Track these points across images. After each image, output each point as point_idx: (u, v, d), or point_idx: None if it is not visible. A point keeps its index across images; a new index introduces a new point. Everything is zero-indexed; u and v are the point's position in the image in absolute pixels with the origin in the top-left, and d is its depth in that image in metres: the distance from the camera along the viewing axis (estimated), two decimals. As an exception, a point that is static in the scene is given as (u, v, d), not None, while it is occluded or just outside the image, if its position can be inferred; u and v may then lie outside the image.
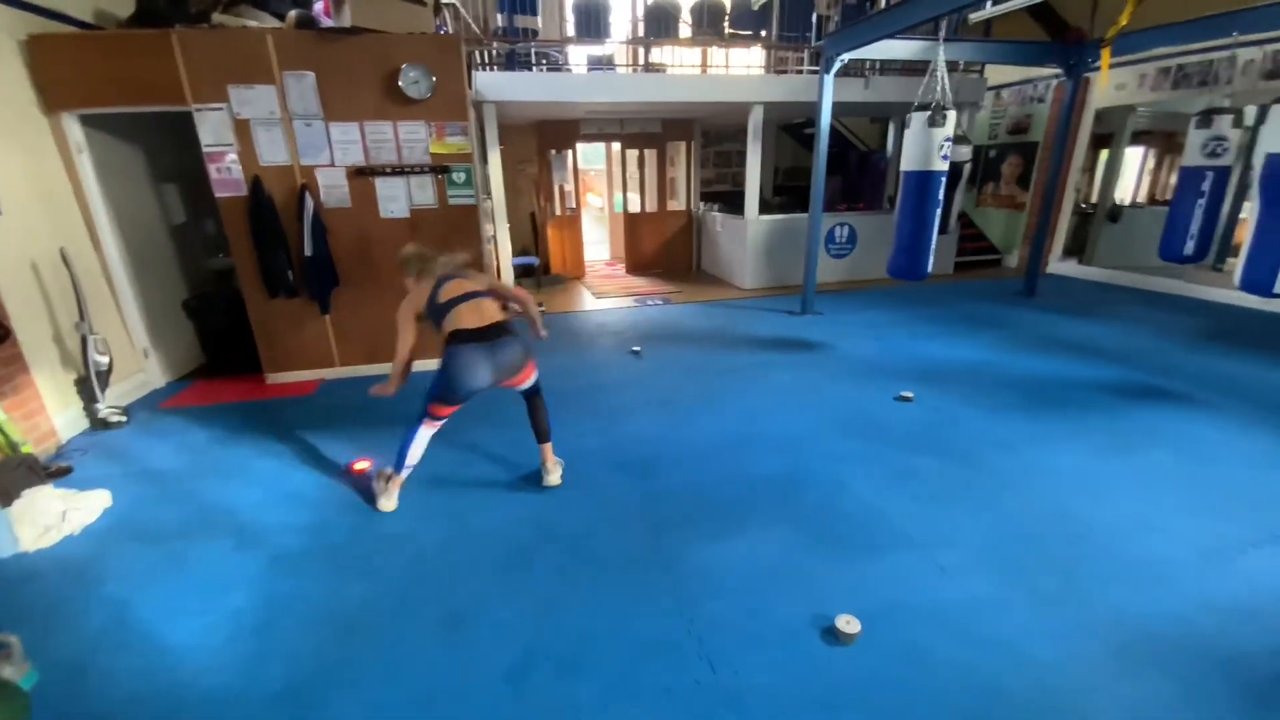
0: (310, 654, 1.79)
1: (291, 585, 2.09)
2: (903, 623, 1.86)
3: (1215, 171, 4.50)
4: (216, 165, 3.72)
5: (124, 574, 2.18)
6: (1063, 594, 1.98)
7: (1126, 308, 5.87)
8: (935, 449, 3.00)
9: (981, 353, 4.49)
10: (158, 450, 3.16)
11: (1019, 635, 1.81)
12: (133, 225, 4.01)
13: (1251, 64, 5.78)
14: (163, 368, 4.22)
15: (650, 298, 6.87)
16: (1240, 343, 4.66)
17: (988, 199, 8.81)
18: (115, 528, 2.47)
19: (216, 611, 1.97)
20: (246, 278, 3.95)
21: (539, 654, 1.77)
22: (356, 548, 2.30)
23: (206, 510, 2.58)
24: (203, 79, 3.55)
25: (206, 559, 2.25)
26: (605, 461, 2.95)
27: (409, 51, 3.75)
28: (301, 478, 2.84)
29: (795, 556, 2.20)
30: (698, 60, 7.60)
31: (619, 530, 2.38)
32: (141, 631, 1.90)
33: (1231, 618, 1.87)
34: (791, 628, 1.85)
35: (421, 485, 2.74)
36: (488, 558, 2.23)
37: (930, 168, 4.06)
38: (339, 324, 4.18)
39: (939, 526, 2.36)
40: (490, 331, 2.46)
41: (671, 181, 8.77)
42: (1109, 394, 3.67)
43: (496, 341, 2.46)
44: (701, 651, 1.77)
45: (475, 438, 3.23)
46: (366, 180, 3.92)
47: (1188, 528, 2.33)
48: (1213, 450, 2.95)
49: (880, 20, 4.61)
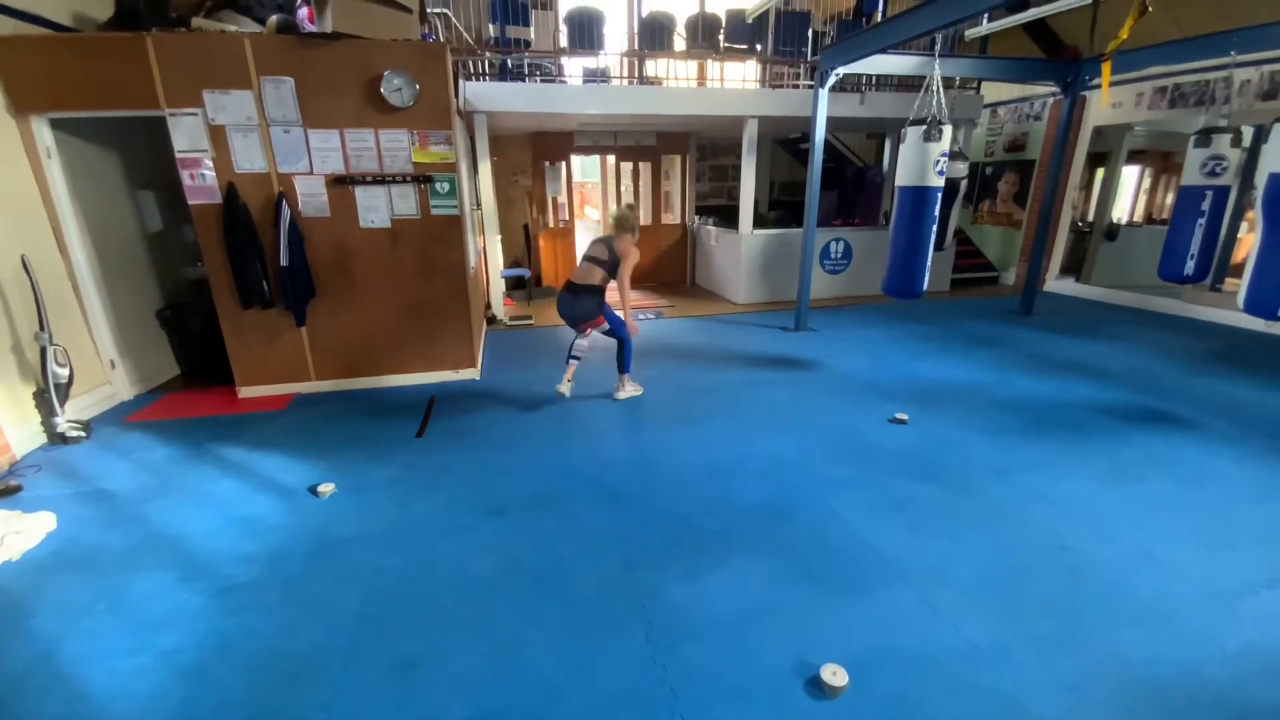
0: (242, 703, 1.63)
1: (235, 623, 1.93)
2: (894, 671, 1.72)
3: (1214, 191, 4.42)
4: (190, 171, 3.60)
5: (58, 607, 2.03)
6: (1064, 638, 1.84)
7: (1125, 327, 5.77)
8: (929, 475, 2.86)
9: (978, 373, 4.37)
10: (114, 469, 3.01)
11: (1019, 686, 1.67)
12: (105, 232, 3.88)
13: (1248, 84, 5.74)
14: (132, 380, 4.07)
15: (643, 311, 6.75)
16: (1242, 366, 4.55)
17: (984, 216, 8.76)
18: (56, 554, 2.31)
19: (148, 652, 1.81)
20: (219, 288, 3.82)
21: (497, 710, 1.62)
22: (311, 581, 2.15)
23: (156, 537, 2.42)
24: (177, 83, 3.45)
25: (148, 592, 2.09)
26: (584, 486, 2.80)
27: (392, 58, 3.66)
28: (261, 501, 2.69)
29: (780, 593, 2.05)
30: (693, 73, 7.56)
31: (592, 563, 2.23)
32: (67, 674, 1.75)
33: (1244, 667, 1.73)
34: (774, 677, 1.70)
35: (389, 508, 2.60)
36: (449, 593, 2.07)
37: (926, 183, 3.96)
38: (315, 336, 4.04)
39: (933, 560, 2.22)
40: (575, 287, 3.62)
41: (666, 195, 8.70)
42: (1110, 417, 3.55)
43: (575, 296, 3.61)
44: (674, 706, 1.62)
45: (446, 459, 3.09)
46: (346, 189, 3.81)
47: (1194, 564, 2.20)
48: (1218, 479, 2.82)
49: (876, 34, 4.55)
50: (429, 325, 4.20)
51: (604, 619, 1.94)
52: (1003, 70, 5.83)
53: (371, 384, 4.21)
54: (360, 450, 3.19)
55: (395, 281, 4.05)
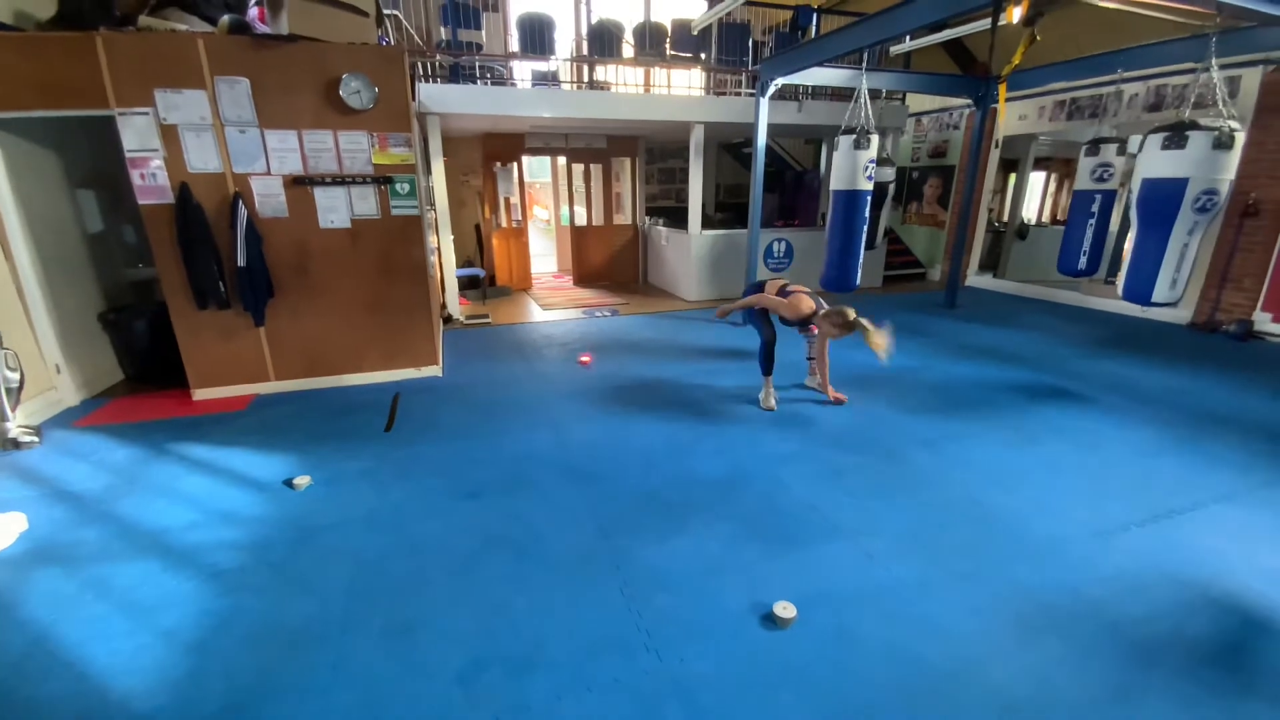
0: (252, 670, 1.75)
1: (229, 603, 2.03)
2: (835, 605, 2.00)
3: (1103, 194, 5.01)
4: (140, 171, 3.56)
5: (44, 598, 2.06)
6: (975, 573, 2.18)
7: (1034, 317, 6.41)
8: (864, 448, 3.21)
9: (907, 359, 4.80)
10: (75, 470, 2.98)
11: (937, 612, 1.98)
12: (47, 233, 3.77)
13: (1136, 97, 6.47)
14: (76, 384, 3.95)
15: (598, 309, 6.95)
16: (1131, 348, 5.18)
17: (912, 217, 9.41)
18: (32, 552, 2.32)
19: (147, 632, 1.89)
20: (171, 288, 3.78)
21: (489, 656, 1.80)
22: (298, 563, 2.26)
23: (132, 531, 2.45)
24: (127, 82, 3.42)
25: (134, 580, 2.15)
26: (553, 467, 2.99)
27: (351, 61, 3.73)
28: (235, 495, 2.75)
29: (736, 550, 2.31)
30: (641, 79, 7.82)
31: (567, 534, 2.43)
32: (66, 657, 1.81)
33: (1116, 586, 2.11)
34: (733, 616, 1.96)
35: (367, 495, 2.71)
36: (435, 566, 2.23)
37: (856, 187, 4.35)
38: (274, 336, 4.05)
39: (867, 517, 2.54)
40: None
41: (617, 196, 8.93)
42: (1017, 394, 4.02)
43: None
44: (650, 644, 1.84)
45: (416, 450, 3.21)
46: (305, 190, 3.84)
47: (1080, 510, 2.60)
48: (1105, 443, 3.28)
49: (811, 49, 4.92)
50: (391, 323, 4.27)
51: (582, 579, 2.15)
52: (922, 84, 6.36)
53: (333, 383, 4.24)
54: (330, 445, 3.27)
55: (356, 281, 4.11)
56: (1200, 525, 2.49)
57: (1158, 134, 3.57)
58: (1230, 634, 1.90)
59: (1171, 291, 3.74)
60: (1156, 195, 3.64)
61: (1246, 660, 1.80)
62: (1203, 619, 1.96)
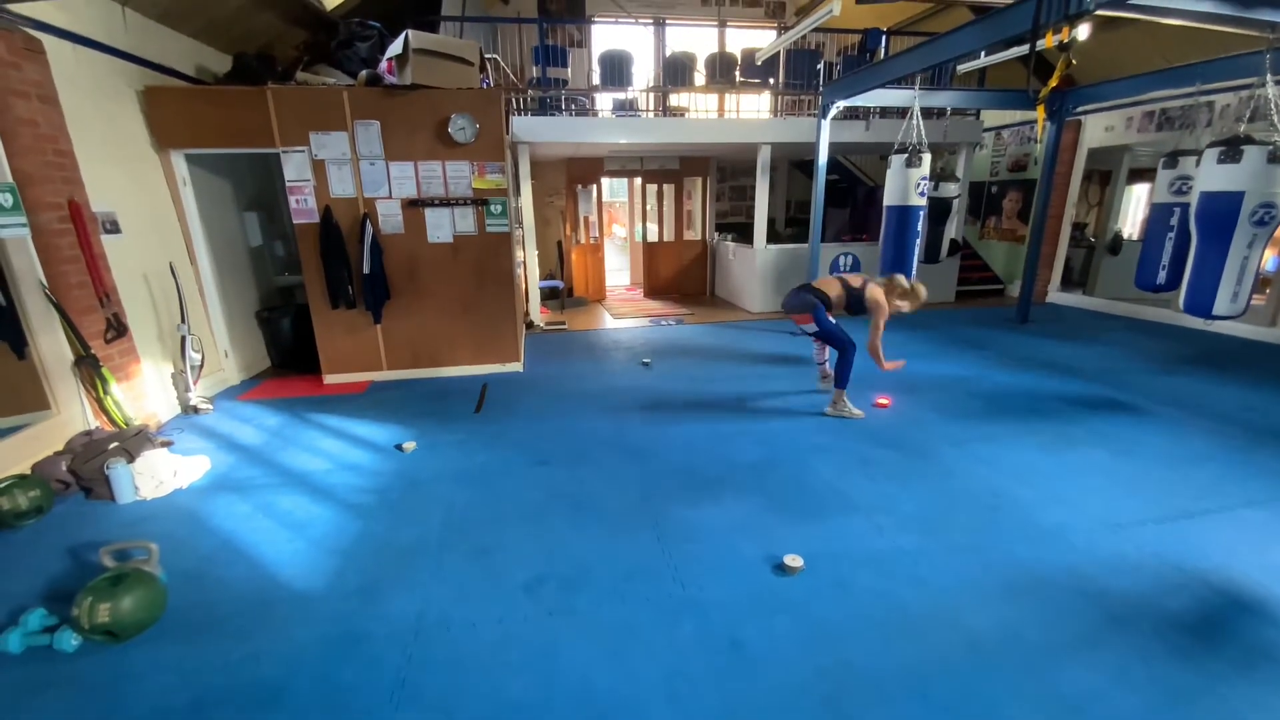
0: (378, 568, 2.34)
1: (360, 526, 2.65)
2: (839, 563, 2.33)
3: (1181, 208, 4.90)
4: (296, 197, 4.44)
5: (226, 515, 2.77)
6: (972, 547, 2.43)
7: (1113, 333, 6.22)
8: (895, 444, 3.45)
9: (961, 369, 4.91)
10: (241, 431, 3.80)
11: (928, 572, 2.26)
12: (221, 246, 4.76)
13: (1228, 108, 6.19)
14: (238, 367, 4.91)
15: (664, 318, 7.44)
16: (1208, 365, 5.00)
17: (990, 232, 9.24)
18: (215, 484, 3.08)
19: (304, 540, 2.54)
20: (314, 291, 4.64)
21: (548, 575, 2.29)
22: (407, 504, 2.86)
23: (286, 474, 3.18)
24: (290, 126, 4.30)
25: (290, 507, 2.83)
26: (610, 446, 3.48)
27: (458, 103, 4.46)
28: (360, 454, 3.43)
29: (760, 517, 2.68)
30: (713, 105, 8.31)
31: (617, 495, 2.90)
32: (245, 553, 2.48)
33: (1111, 567, 2.29)
34: (749, 563, 2.34)
35: (459, 459, 3.31)
36: (510, 511, 2.76)
37: (908, 203, 4.58)
38: (388, 332, 4.83)
39: (883, 499, 2.82)
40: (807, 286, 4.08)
41: (688, 213, 9.42)
42: (1067, 404, 4.07)
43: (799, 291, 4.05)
44: (676, 576, 2.26)
45: (500, 428, 3.80)
46: (418, 210, 4.61)
47: (1096, 505, 2.75)
48: (1147, 450, 3.33)
49: (871, 73, 5.20)
50: (482, 324, 4.96)
51: (626, 528, 2.60)
52: (983, 100, 6.42)
53: (434, 373, 4.98)
54: (431, 421, 3.93)
55: (455, 287, 4.82)
56: (1219, 525, 2.58)
57: (1214, 148, 3.60)
58: (1213, 610, 2.05)
59: (1233, 305, 3.70)
60: (1214, 208, 3.65)
61: (1221, 632, 1.95)
62: (1187, 596, 2.12)
